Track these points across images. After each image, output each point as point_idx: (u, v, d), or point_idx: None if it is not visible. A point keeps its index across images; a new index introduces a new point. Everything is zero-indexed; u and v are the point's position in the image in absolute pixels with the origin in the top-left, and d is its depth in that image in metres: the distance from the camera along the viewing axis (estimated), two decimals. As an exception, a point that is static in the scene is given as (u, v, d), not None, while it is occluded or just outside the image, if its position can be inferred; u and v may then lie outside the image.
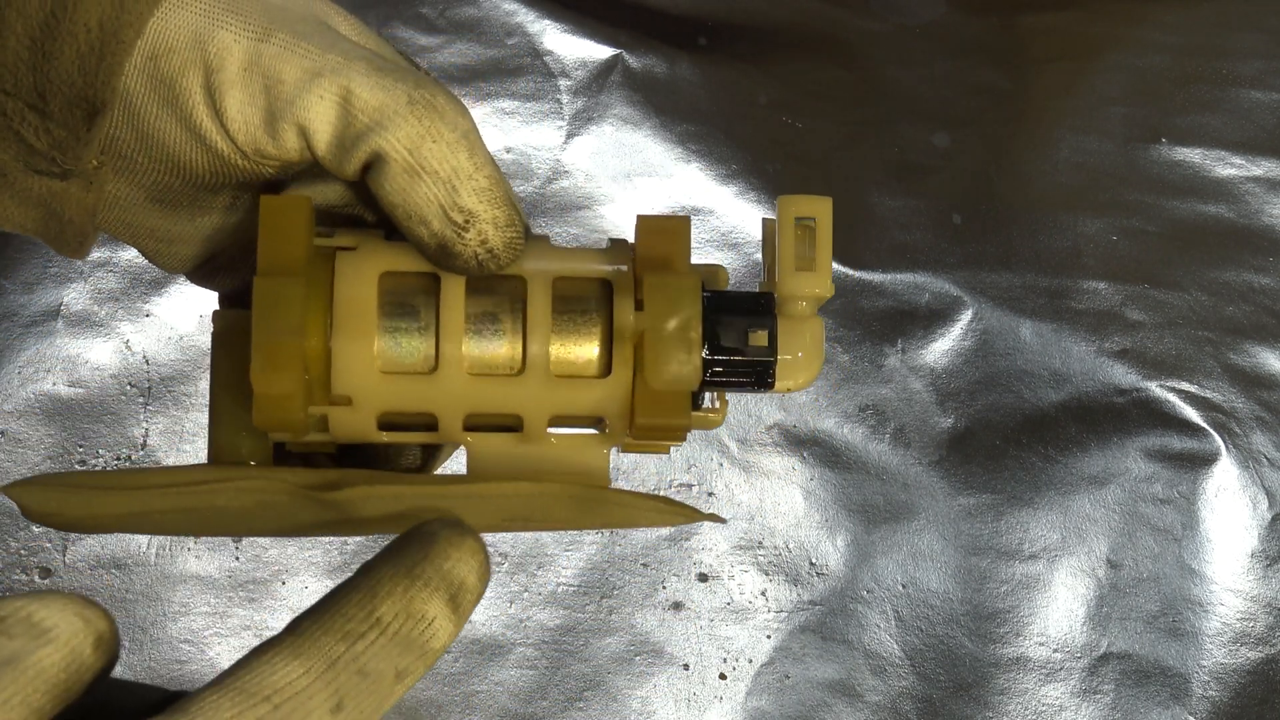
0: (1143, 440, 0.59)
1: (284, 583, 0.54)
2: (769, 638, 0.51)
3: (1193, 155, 0.76)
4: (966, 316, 0.64)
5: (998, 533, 0.55)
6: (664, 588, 0.52)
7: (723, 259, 0.67)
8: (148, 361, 0.59)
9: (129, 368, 0.59)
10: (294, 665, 0.26)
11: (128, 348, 0.60)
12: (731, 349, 0.35)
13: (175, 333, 0.60)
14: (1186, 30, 0.85)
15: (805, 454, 0.58)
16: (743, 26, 0.83)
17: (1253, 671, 0.51)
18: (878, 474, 0.57)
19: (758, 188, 0.70)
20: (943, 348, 0.63)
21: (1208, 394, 0.61)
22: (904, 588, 0.53)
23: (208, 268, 0.38)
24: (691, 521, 0.37)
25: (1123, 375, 0.62)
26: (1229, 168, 0.75)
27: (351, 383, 0.33)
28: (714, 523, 0.39)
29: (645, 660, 0.50)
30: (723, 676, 0.50)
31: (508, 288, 0.33)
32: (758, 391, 0.36)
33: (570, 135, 0.74)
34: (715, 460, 0.57)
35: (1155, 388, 0.61)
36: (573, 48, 0.78)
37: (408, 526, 0.29)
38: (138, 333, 0.61)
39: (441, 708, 0.47)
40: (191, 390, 0.58)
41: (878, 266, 0.67)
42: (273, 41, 0.32)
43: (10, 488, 0.33)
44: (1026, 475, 0.58)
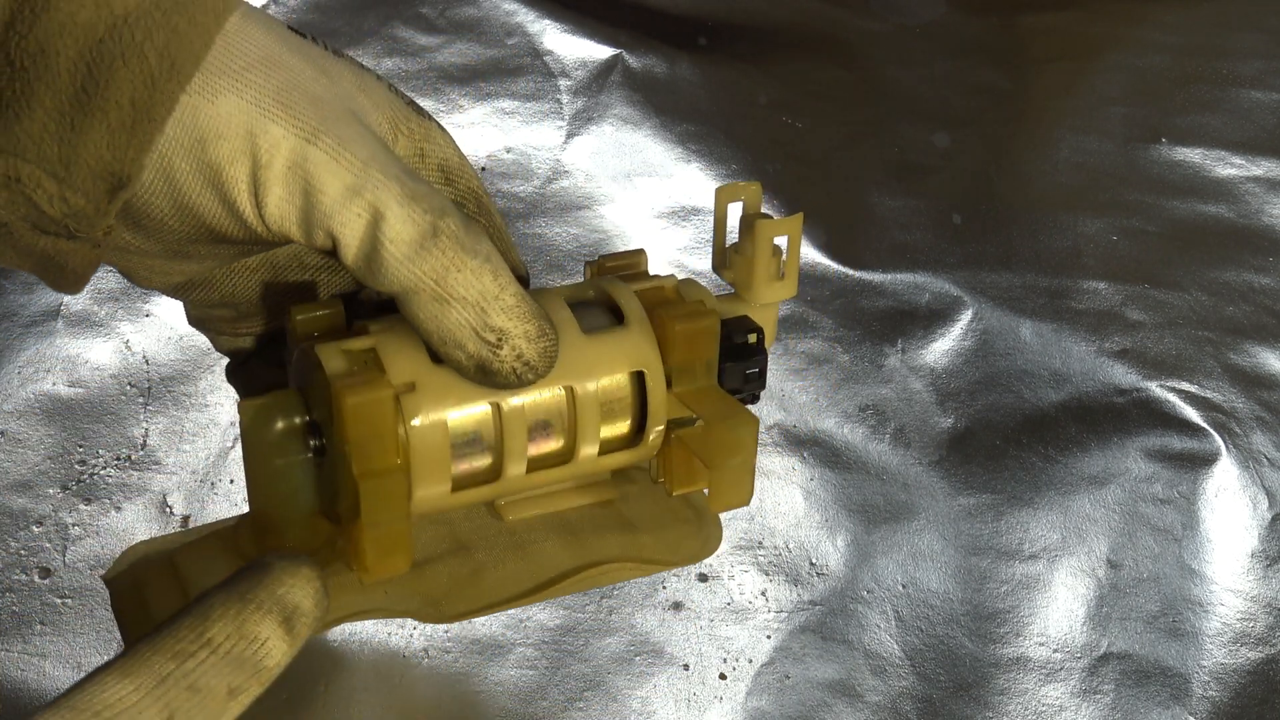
0: (1143, 440, 0.59)
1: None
2: (769, 638, 0.51)
3: (1193, 155, 0.76)
4: (966, 316, 0.64)
5: (998, 533, 0.55)
6: (664, 588, 0.52)
7: (723, 259, 0.67)
8: (148, 361, 0.59)
9: (129, 368, 0.59)
10: (125, 683, 0.27)
11: (128, 348, 0.60)
12: (734, 389, 0.40)
13: (175, 333, 0.60)
14: (1186, 30, 0.85)
15: (805, 454, 0.58)
16: (743, 26, 0.83)
17: (1253, 671, 0.51)
18: (878, 474, 0.57)
19: (758, 188, 0.70)
20: (943, 348, 0.63)
21: (1208, 394, 0.61)
22: (904, 588, 0.53)
23: (188, 288, 0.39)
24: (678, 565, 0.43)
25: (1123, 375, 0.62)
26: (1229, 168, 0.75)
27: (425, 507, 0.36)
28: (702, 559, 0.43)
29: (645, 660, 0.50)
30: (723, 676, 0.50)
31: (555, 394, 0.37)
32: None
33: (570, 135, 0.74)
34: (715, 460, 0.57)
35: (1155, 388, 0.61)
36: (573, 48, 0.78)
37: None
38: (138, 333, 0.61)
39: (441, 708, 0.47)
40: (191, 390, 0.58)
41: (878, 266, 0.67)
42: (319, 145, 0.33)
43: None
44: (1026, 475, 0.58)
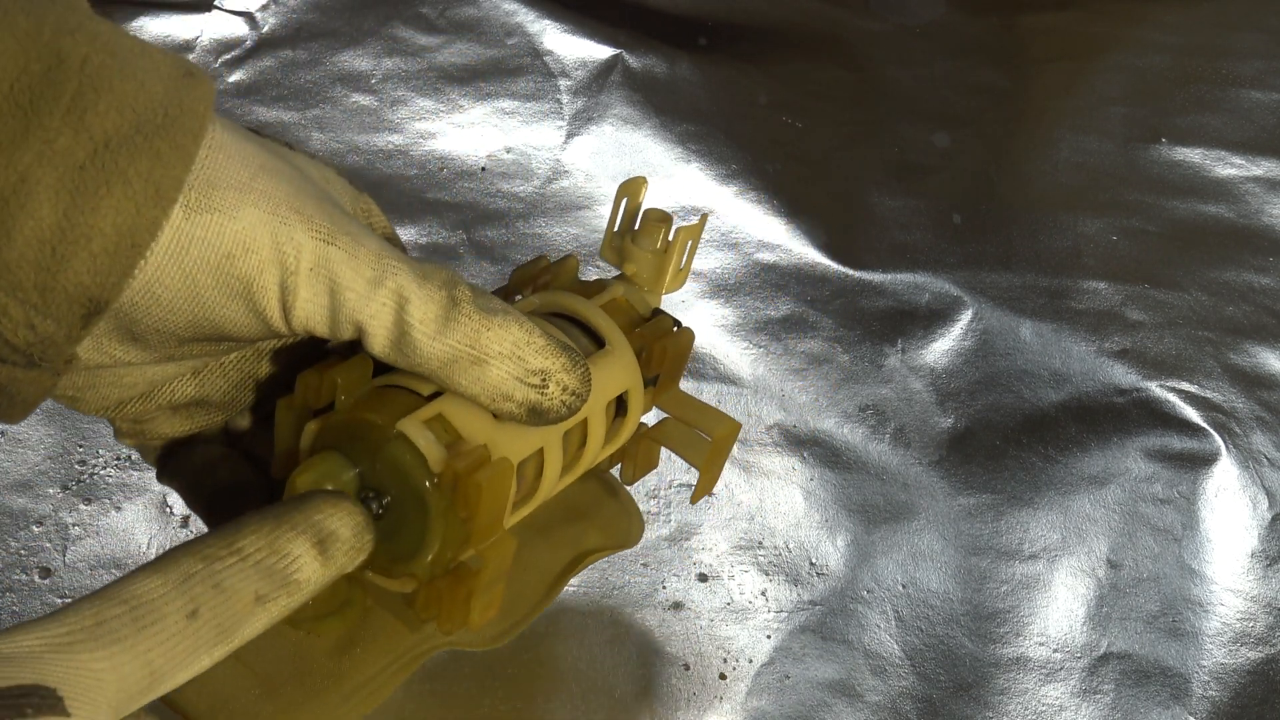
0: (1143, 440, 0.59)
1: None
2: (769, 638, 0.51)
3: (1193, 155, 0.76)
4: (966, 316, 0.64)
5: (998, 533, 0.55)
6: (664, 588, 0.52)
7: (722, 258, 0.67)
8: (148, 361, 0.59)
9: (129, 368, 0.59)
10: (154, 578, 0.29)
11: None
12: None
13: (175, 333, 0.60)
14: (1186, 30, 0.85)
15: (805, 454, 0.58)
16: (743, 26, 0.83)
17: (1253, 671, 0.51)
18: (878, 474, 0.57)
19: (758, 188, 0.70)
20: (943, 348, 0.63)
21: (1208, 394, 0.61)
22: (904, 588, 0.53)
23: (144, 399, 0.40)
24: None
25: (1123, 375, 0.62)
26: (1229, 168, 0.75)
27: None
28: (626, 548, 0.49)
29: (645, 660, 0.50)
30: (723, 676, 0.50)
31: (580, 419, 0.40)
32: None
33: (570, 135, 0.74)
34: (715, 460, 0.57)
35: (1155, 388, 0.61)
36: (573, 48, 0.78)
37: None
38: (138, 333, 0.60)
39: (439, 708, 0.47)
40: (191, 390, 0.58)
41: (878, 266, 0.67)
42: (337, 244, 0.34)
43: None
44: (1026, 475, 0.58)
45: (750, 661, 0.50)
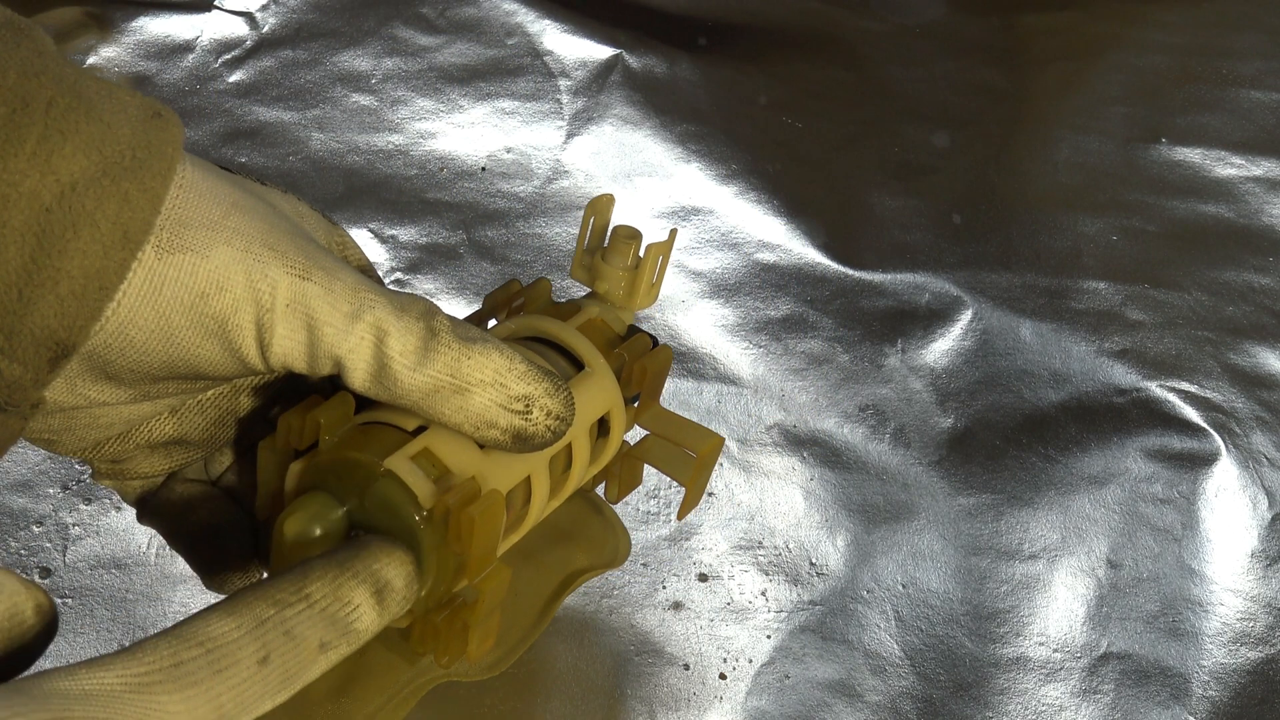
0: (1143, 440, 0.59)
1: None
2: (769, 638, 0.51)
3: (1193, 155, 0.76)
4: (966, 316, 0.64)
5: (998, 533, 0.55)
6: (664, 588, 0.52)
7: (722, 258, 0.67)
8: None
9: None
10: (228, 620, 0.29)
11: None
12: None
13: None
14: (1186, 30, 0.85)
15: (805, 454, 0.58)
16: (743, 26, 0.83)
17: (1253, 671, 0.51)
18: (878, 474, 0.57)
19: (758, 188, 0.70)
20: (943, 348, 0.63)
21: (1208, 394, 0.61)
22: (904, 588, 0.53)
23: (121, 438, 0.39)
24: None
25: (1123, 375, 0.62)
26: (1229, 168, 0.75)
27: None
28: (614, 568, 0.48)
29: (645, 660, 0.50)
30: (723, 676, 0.50)
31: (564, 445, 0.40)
32: None
33: (570, 135, 0.74)
34: (715, 460, 0.57)
35: (1155, 388, 0.61)
36: (573, 48, 0.78)
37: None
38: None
39: (438, 709, 0.47)
40: (191, 390, 0.58)
41: (878, 266, 0.67)
42: (313, 280, 0.34)
43: None
44: (1026, 475, 0.58)
45: (750, 661, 0.50)
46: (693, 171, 0.72)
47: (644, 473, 0.47)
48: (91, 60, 0.75)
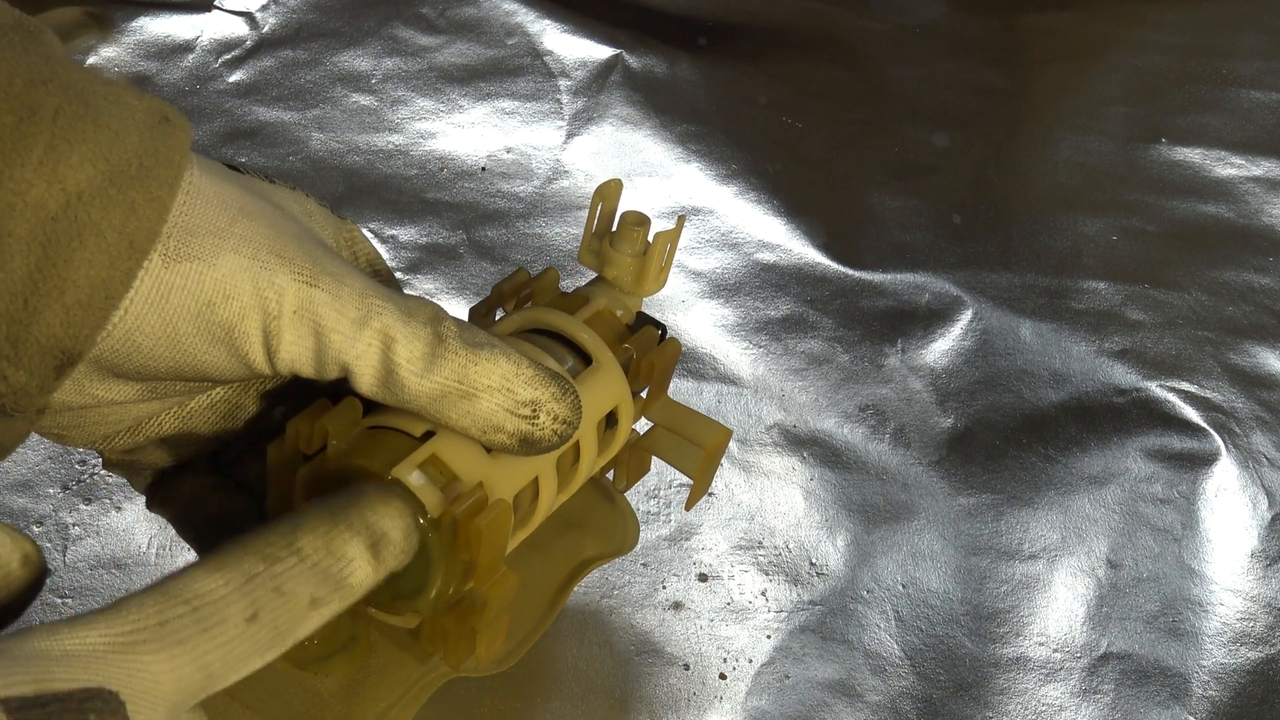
0: (1143, 440, 0.59)
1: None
2: (769, 638, 0.51)
3: (1193, 155, 0.76)
4: (966, 316, 0.64)
5: (998, 533, 0.55)
6: (664, 588, 0.52)
7: (722, 258, 0.67)
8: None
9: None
10: (215, 577, 0.29)
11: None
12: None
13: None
14: (1186, 30, 0.85)
15: (805, 454, 0.58)
16: (743, 26, 0.83)
17: (1253, 671, 0.51)
18: (878, 474, 0.57)
19: (758, 188, 0.70)
20: (943, 348, 0.63)
21: (1208, 394, 0.61)
22: (904, 588, 0.53)
23: (131, 432, 0.39)
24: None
25: (1123, 375, 0.62)
26: (1229, 168, 0.75)
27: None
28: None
29: (645, 660, 0.50)
30: (723, 676, 0.50)
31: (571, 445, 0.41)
32: None
33: (570, 135, 0.73)
34: (715, 460, 0.57)
35: (1155, 388, 0.61)
36: (573, 48, 0.78)
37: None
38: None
39: (439, 709, 0.47)
40: (191, 390, 0.58)
41: (878, 266, 0.67)
42: (320, 286, 0.34)
43: None
44: (1026, 475, 0.58)
45: (750, 661, 0.50)
46: (693, 171, 0.72)
47: (651, 462, 0.47)
48: (91, 60, 0.75)
